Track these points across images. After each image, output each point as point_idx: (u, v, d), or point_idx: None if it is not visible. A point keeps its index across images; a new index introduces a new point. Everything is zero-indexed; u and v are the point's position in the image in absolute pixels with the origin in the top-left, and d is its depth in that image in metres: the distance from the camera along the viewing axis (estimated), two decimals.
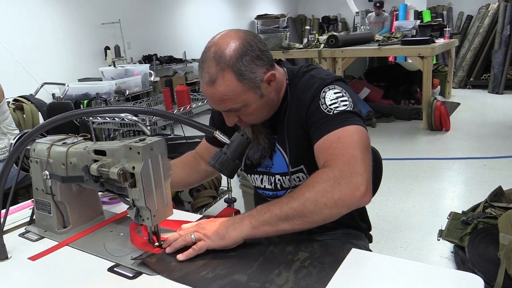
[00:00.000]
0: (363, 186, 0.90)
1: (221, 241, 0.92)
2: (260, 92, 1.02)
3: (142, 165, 0.89)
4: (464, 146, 4.23)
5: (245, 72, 0.98)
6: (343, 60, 5.19)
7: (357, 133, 0.98)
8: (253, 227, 0.92)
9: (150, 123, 2.40)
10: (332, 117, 1.00)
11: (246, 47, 0.98)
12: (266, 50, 1.03)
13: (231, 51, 0.97)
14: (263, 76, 1.01)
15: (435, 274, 0.83)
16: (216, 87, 0.98)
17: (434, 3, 8.88)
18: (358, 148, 0.95)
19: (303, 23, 10.66)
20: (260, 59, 1.00)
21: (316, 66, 1.16)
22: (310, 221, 0.91)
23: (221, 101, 1.01)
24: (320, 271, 0.84)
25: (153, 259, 0.91)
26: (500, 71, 6.70)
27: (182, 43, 6.96)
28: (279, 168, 1.17)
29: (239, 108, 1.03)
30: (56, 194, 1.07)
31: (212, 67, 0.97)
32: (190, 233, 0.94)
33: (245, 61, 0.97)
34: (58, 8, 4.98)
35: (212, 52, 0.98)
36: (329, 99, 1.02)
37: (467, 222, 2.18)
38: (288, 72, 1.15)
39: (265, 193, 1.24)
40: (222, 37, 1.00)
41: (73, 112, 0.92)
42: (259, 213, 0.93)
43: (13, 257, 1.00)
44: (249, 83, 0.99)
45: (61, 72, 4.90)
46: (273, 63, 1.07)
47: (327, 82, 1.05)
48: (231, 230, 0.92)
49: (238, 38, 0.99)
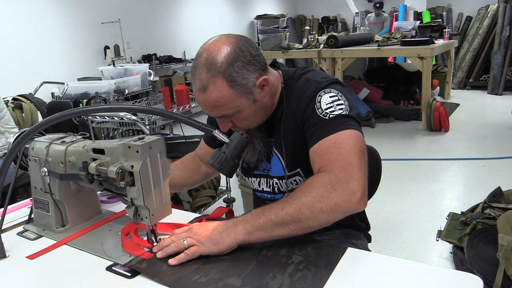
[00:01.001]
0: (359, 192, 0.90)
1: (214, 247, 0.91)
2: (253, 97, 1.02)
3: (140, 164, 0.88)
4: (463, 147, 4.23)
5: (236, 78, 0.97)
6: (343, 60, 5.19)
7: (353, 138, 0.97)
8: (247, 232, 0.91)
9: (149, 122, 2.39)
10: (328, 122, 1.00)
11: (237, 52, 0.98)
12: (258, 55, 1.02)
13: (222, 57, 0.96)
14: (255, 82, 1.00)
15: (434, 274, 0.83)
16: (208, 94, 0.97)
17: (433, 4, 8.89)
18: (354, 153, 0.95)
19: (302, 23, 10.66)
20: (252, 64, 1.00)
21: (312, 69, 1.15)
22: (306, 226, 0.90)
23: (213, 108, 1.00)
24: (315, 274, 0.83)
25: (143, 265, 0.90)
26: (499, 72, 6.71)
27: (181, 42, 6.96)
28: (276, 171, 1.17)
29: (232, 114, 1.02)
30: (54, 192, 1.06)
31: (204, 74, 0.97)
32: (182, 238, 0.93)
33: (236, 67, 0.97)
34: (58, 8, 4.97)
35: (204, 59, 0.98)
36: (325, 103, 1.02)
37: (466, 222, 2.18)
38: (283, 75, 1.14)
39: (264, 196, 1.24)
40: (213, 43, 1.00)
41: (72, 110, 0.92)
42: (254, 218, 0.91)
43: (11, 256, 1.00)
44: (241, 89, 0.99)
45: (60, 71, 4.89)
46: (266, 67, 1.06)
47: (322, 86, 1.05)
48: (225, 235, 0.91)
49: (229, 44, 0.98)
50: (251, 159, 1.17)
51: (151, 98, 3.37)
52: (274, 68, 1.15)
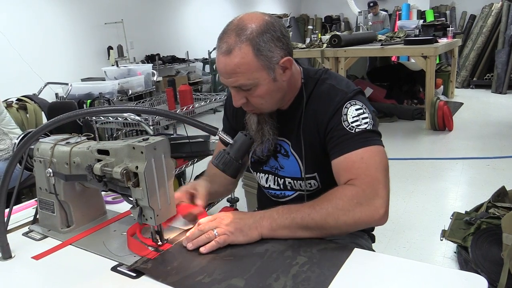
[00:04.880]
0: (383, 209, 0.94)
1: (242, 237, 0.95)
2: (274, 74, 1.01)
3: (145, 165, 0.89)
4: (467, 146, 4.22)
5: (263, 49, 0.97)
6: (346, 59, 5.19)
7: (379, 154, 1.01)
8: (272, 229, 0.96)
9: (153, 123, 2.40)
10: (354, 136, 1.01)
11: (269, 25, 0.99)
12: (287, 37, 1.03)
13: (253, 26, 0.97)
14: (279, 59, 1.00)
15: (439, 274, 0.83)
16: (231, 58, 0.97)
17: (437, 3, 8.86)
18: (380, 170, 0.98)
19: (305, 22, 10.65)
20: (280, 41, 1.00)
21: (333, 73, 1.15)
22: (328, 233, 0.96)
23: (232, 73, 0.99)
24: (319, 276, 0.83)
25: (148, 265, 0.90)
26: (503, 71, 6.68)
27: (184, 43, 6.97)
28: (292, 172, 1.16)
29: (249, 86, 1.01)
30: (59, 193, 1.07)
31: (232, 38, 0.97)
32: (212, 228, 0.96)
33: (265, 38, 0.97)
34: (61, 9, 4.99)
35: (234, 24, 0.99)
36: (351, 116, 1.03)
37: (470, 222, 2.18)
38: (304, 72, 1.15)
39: (270, 192, 1.24)
40: (248, 14, 1.01)
41: (77, 111, 0.92)
42: (280, 217, 0.96)
43: (16, 256, 1.00)
44: (264, 61, 0.98)
45: (64, 72, 4.91)
46: (292, 52, 1.06)
47: (349, 96, 1.06)
48: (253, 228, 0.96)
49: (263, 16, 1.01)
50: (258, 150, 1.16)
51: (154, 98, 3.37)
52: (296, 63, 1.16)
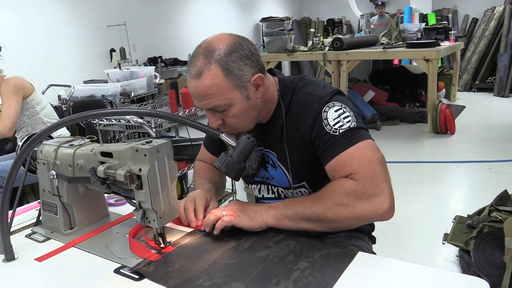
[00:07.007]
0: (387, 203, 0.94)
1: (248, 221, 1.00)
2: (247, 93, 1.01)
3: (148, 167, 0.89)
4: (469, 150, 4.21)
5: (232, 68, 0.97)
6: (348, 63, 5.19)
7: (368, 148, 1.00)
8: (276, 218, 0.99)
9: (156, 125, 2.41)
10: (339, 137, 1.01)
11: (237, 45, 0.99)
12: (256, 54, 1.03)
13: (221, 47, 0.98)
14: (250, 77, 1.00)
15: (441, 278, 0.83)
16: (201, 80, 0.97)
17: (439, 6, 8.86)
18: (374, 163, 0.97)
19: (308, 25, 10.66)
20: (249, 59, 1.00)
21: (309, 79, 1.14)
22: (330, 227, 0.98)
23: (205, 95, 0.99)
24: (320, 281, 0.82)
25: (150, 268, 0.91)
26: (505, 74, 6.67)
27: (187, 45, 6.98)
28: (281, 182, 1.18)
29: (223, 106, 1.00)
30: (62, 195, 1.08)
31: (200, 60, 0.98)
32: (221, 210, 1.02)
33: (234, 57, 0.98)
34: (64, 11, 5.01)
35: (203, 48, 1.00)
36: (332, 118, 1.03)
37: (472, 226, 2.17)
38: (280, 82, 1.14)
39: (265, 202, 1.23)
40: (214, 36, 1.02)
41: (80, 114, 0.92)
42: (285, 207, 1.00)
43: (20, 258, 1.01)
44: (235, 80, 0.98)
45: (67, 74, 4.93)
46: (263, 69, 1.05)
47: (326, 100, 1.05)
48: (258, 214, 1.00)
49: (230, 37, 1.01)
50: (250, 167, 1.16)
51: (157, 100, 3.38)
52: (271, 74, 1.15)
